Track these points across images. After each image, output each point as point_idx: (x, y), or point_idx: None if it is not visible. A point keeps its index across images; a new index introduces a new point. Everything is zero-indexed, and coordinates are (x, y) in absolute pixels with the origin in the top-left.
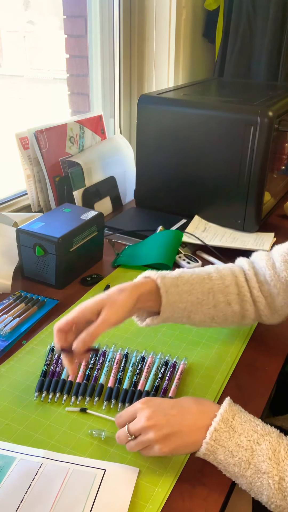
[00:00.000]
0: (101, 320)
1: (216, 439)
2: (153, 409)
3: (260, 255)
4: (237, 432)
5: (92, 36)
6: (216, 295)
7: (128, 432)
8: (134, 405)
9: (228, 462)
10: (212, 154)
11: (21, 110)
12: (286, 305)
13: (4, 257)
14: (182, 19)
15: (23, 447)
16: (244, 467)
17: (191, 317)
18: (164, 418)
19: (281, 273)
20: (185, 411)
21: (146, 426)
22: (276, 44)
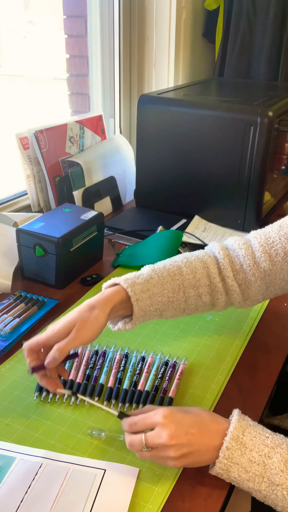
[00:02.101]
0: (72, 338)
1: (228, 457)
2: (175, 427)
3: (238, 242)
4: (248, 448)
5: (92, 36)
6: (186, 291)
7: (145, 444)
8: (153, 417)
9: (242, 478)
10: (212, 154)
11: (21, 110)
12: (260, 292)
13: (4, 257)
14: (182, 19)
15: (23, 447)
16: (258, 481)
17: (163, 315)
18: (185, 437)
19: (261, 263)
20: (204, 430)
21: (167, 444)
22: (276, 44)
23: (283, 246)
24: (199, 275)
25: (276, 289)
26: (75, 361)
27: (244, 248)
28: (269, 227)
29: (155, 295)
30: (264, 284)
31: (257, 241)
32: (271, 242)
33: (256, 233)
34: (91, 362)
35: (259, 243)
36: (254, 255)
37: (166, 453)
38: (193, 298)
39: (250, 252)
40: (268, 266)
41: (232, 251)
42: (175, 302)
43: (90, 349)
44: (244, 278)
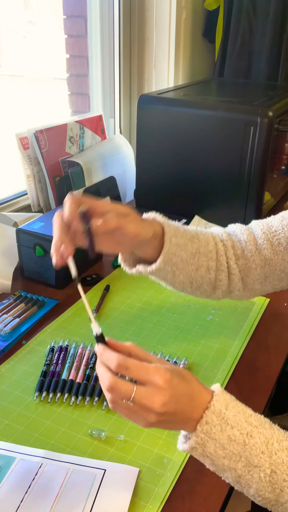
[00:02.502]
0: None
1: (206, 432)
2: (169, 395)
3: (239, 228)
4: (230, 424)
5: (92, 36)
6: (200, 257)
7: (132, 398)
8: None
9: (217, 454)
10: (212, 154)
11: (21, 110)
12: (258, 281)
13: (4, 257)
14: (182, 19)
15: (23, 447)
16: (234, 459)
17: (175, 276)
18: (173, 407)
19: (263, 250)
20: (190, 402)
21: (155, 411)
22: (276, 44)
23: (286, 236)
24: (210, 247)
25: (275, 280)
26: (75, 361)
27: (246, 234)
28: (271, 218)
29: (180, 245)
30: (263, 273)
31: (259, 228)
32: (273, 231)
33: (258, 222)
34: (91, 362)
35: (261, 230)
36: (256, 242)
37: (147, 415)
38: (203, 269)
39: (252, 238)
40: (269, 254)
41: (234, 236)
42: (189, 267)
43: (90, 349)
44: (244, 264)
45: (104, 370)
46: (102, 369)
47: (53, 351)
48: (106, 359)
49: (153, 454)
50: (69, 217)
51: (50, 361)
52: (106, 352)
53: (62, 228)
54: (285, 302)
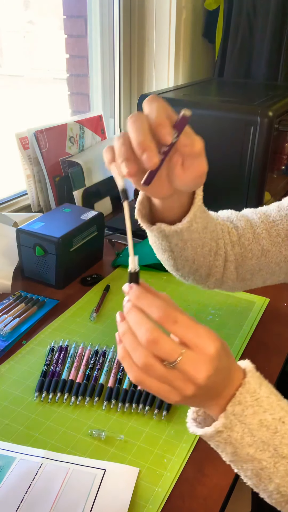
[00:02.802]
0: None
1: (237, 414)
2: (216, 367)
3: (235, 214)
4: (263, 407)
5: (92, 36)
6: (207, 234)
7: (177, 362)
8: (205, 338)
9: (243, 441)
10: (212, 154)
11: (21, 110)
12: (250, 272)
13: (4, 257)
14: (182, 19)
15: (23, 447)
16: (261, 449)
17: (184, 248)
18: (215, 380)
19: (260, 240)
20: (227, 376)
21: (196, 382)
22: (276, 44)
23: (285, 227)
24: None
25: (267, 273)
26: (75, 361)
27: (243, 221)
28: (265, 207)
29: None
30: (258, 265)
31: (256, 216)
32: (271, 220)
33: (253, 210)
34: (91, 362)
35: (259, 219)
36: (254, 230)
37: (185, 387)
38: (206, 248)
39: (250, 226)
40: (267, 245)
41: (229, 221)
42: (198, 241)
43: (90, 349)
44: (240, 253)
45: (141, 317)
46: (139, 316)
47: (53, 351)
48: (147, 305)
49: (153, 454)
50: (157, 121)
51: (50, 361)
52: (147, 295)
53: (147, 131)
54: (285, 302)
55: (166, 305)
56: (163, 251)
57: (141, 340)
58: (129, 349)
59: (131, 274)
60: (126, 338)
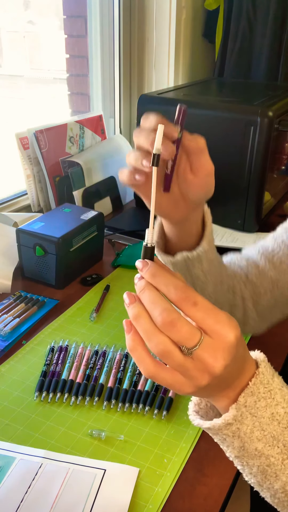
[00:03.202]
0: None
1: (249, 406)
2: (233, 357)
3: (235, 256)
4: (275, 399)
5: (92, 36)
6: (222, 269)
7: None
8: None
9: (253, 436)
10: (212, 154)
11: (21, 110)
12: (269, 308)
13: (4, 257)
14: (182, 19)
15: (23, 447)
16: (270, 444)
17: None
18: (227, 375)
19: (267, 272)
20: (241, 367)
21: (212, 372)
22: (276, 44)
23: (286, 253)
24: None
25: (284, 304)
26: (75, 361)
27: (244, 260)
28: (261, 241)
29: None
30: (273, 298)
31: (255, 252)
32: (271, 251)
33: (250, 248)
34: (91, 362)
35: (258, 252)
36: (258, 265)
37: (201, 377)
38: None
39: (252, 262)
40: (275, 275)
41: (233, 264)
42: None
43: (90, 349)
44: (253, 289)
45: (157, 295)
46: (155, 294)
47: (53, 351)
48: (165, 283)
49: (153, 454)
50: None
51: (50, 361)
52: (164, 273)
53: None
54: None
55: (185, 285)
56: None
57: (156, 321)
58: (145, 334)
59: (146, 249)
60: (141, 321)
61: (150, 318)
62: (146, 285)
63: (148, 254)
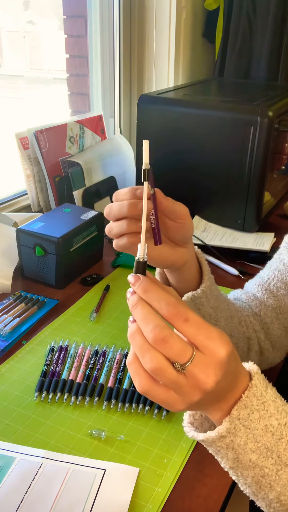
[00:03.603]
0: None
1: (242, 418)
2: (225, 372)
3: (233, 293)
4: (269, 411)
5: (92, 36)
6: (230, 305)
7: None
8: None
9: (246, 448)
10: (212, 154)
11: (21, 110)
12: (283, 335)
13: (4, 257)
14: (182, 19)
15: (23, 447)
16: (264, 455)
17: (218, 319)
18: (219, 390)
19: (267, 301)
20: (233, 381)
21: (203, 388)
22: (276, 44)
23: (281, 279)
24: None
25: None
26: (75, 361)
27: (243, 294)
28: (259, 273)
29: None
30: (282, 325)
31: (253, 284)
32: (266, 279)
33: (249, 282)
34: (91, 362)
35: (255, 284)
36: (257, 296)
37: (193, 393)
38: (235, 320)
39: (251, 295)
40: (275, 303)
41: (237, 299)
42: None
43: (90, 349)
44: (260, 321)
45: (149, 311)
46: (147, 311)
47: (53, 351)
48: (156, 299)
49: (153, 454)
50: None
51: (50, 361)
52: (156, 289)
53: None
54: None
55: (176, 301)
56: None
57: (148, 338)
58: (138, 351)
59: (139, 263)
60: (136, 338)
61: (143, 335)
62: (138, 301)
63: (140, 269)
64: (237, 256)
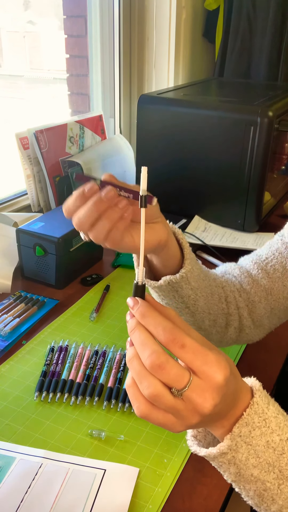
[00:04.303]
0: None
1: (244, 435)
2: (223, 395)
3: (228, 266)
4: (270, 427)
5: (92, 36)
6: (211, 281)
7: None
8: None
9: (248, 463)
10: (212, 154)
11: (21, 110)
12: (266, 315)
13: (4, 257)
14: (182, 19)
15: (23, 447)
16: (266, 470)
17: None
18: (218, 411)
19: (260, 280)
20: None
21: (202, 412)
22: (276, 44)
23: (280, 261)
24: (214, 274)
25: (280, 311)
26: (75, 361)
27: (237, 269)
28: (258, 250)
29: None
30: (268, 306)
31: (249, 260)
32: (264, 259)
33: (245, 257)
34: (91, 362)
35: (251, 261)
36: (251, 273)
37: (191, 417)
38: (216, 296)
39: (245, 271)
40: (268, 283)
41: (227, 274)
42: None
43: (90, 349)
44: (247, 298)
45: (147, 337)
46: (144, 336)
47: (53, 351)
48: (154, 324)
49: (153, 454)
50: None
51: (50, 361)
52: (154, 314)
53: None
54: None
55: (173, 326)
56: (180, 310)
57: (146, 364)
58: (136, 377)
59: (137, 287)
60: (133, 363)
61: (141, 360)
62: (136, 326)
63: (139, 292)
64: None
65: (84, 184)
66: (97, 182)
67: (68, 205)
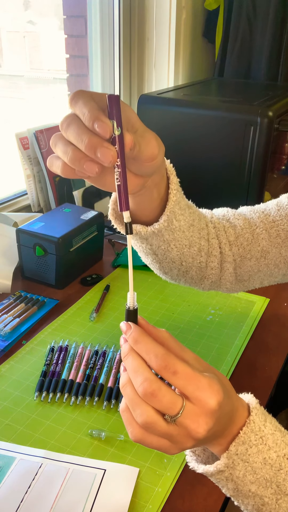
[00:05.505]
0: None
1: (240, 453)
2: (216, 419)
3: (232, 213)
4: (267, 445)
5: (92, 36)
6: (194, 232)
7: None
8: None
9: (246, 480)
10: (212, 154)
11: (21, 110)
12: (248, 273)
13: (4, 257)
14: (182, 19)
15: (23, 447)
16: (264, 486)
17: (169, 249)
18: (213, 433)
19: (260, 241)
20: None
21: (196, 437)
22: (276, 44)
23: (285, 228)
24: (203, 224)
25: (266, 275)
26: (75, 361)
27: (241, 219)
28: (263, 205)
29: (181, 208)
30: (257, 267)
31: (256, 215)
32: (271, 220)
33: (251, 208)
34: (91, 362)
35: (258, 218)
36: (253, 230)
37: (186, 441)
38: (195, 248)
39: (248, 225)
40: (267, 246)
41: (226, 220)
42: (183, 240)
43: (90, 349)
44: (238, 253)
45: (139, 364)
46: (137, 363)
47: (53, 351)
48: (146, 351)
49: (153, 454)
50: (90, 118)
51: (50, 361)
52: (146, 340)
53: (86, 129)
54: (285, 302)
55: (165, 352)
56: (145, 254)
57: (138, 391)
58: (129, 403)
59: (129, 312)
60: (127, 390)
61: (134, 387)
62: (129, 352)
63: (131, 317)
64: None
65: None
66: (117, 130)
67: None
